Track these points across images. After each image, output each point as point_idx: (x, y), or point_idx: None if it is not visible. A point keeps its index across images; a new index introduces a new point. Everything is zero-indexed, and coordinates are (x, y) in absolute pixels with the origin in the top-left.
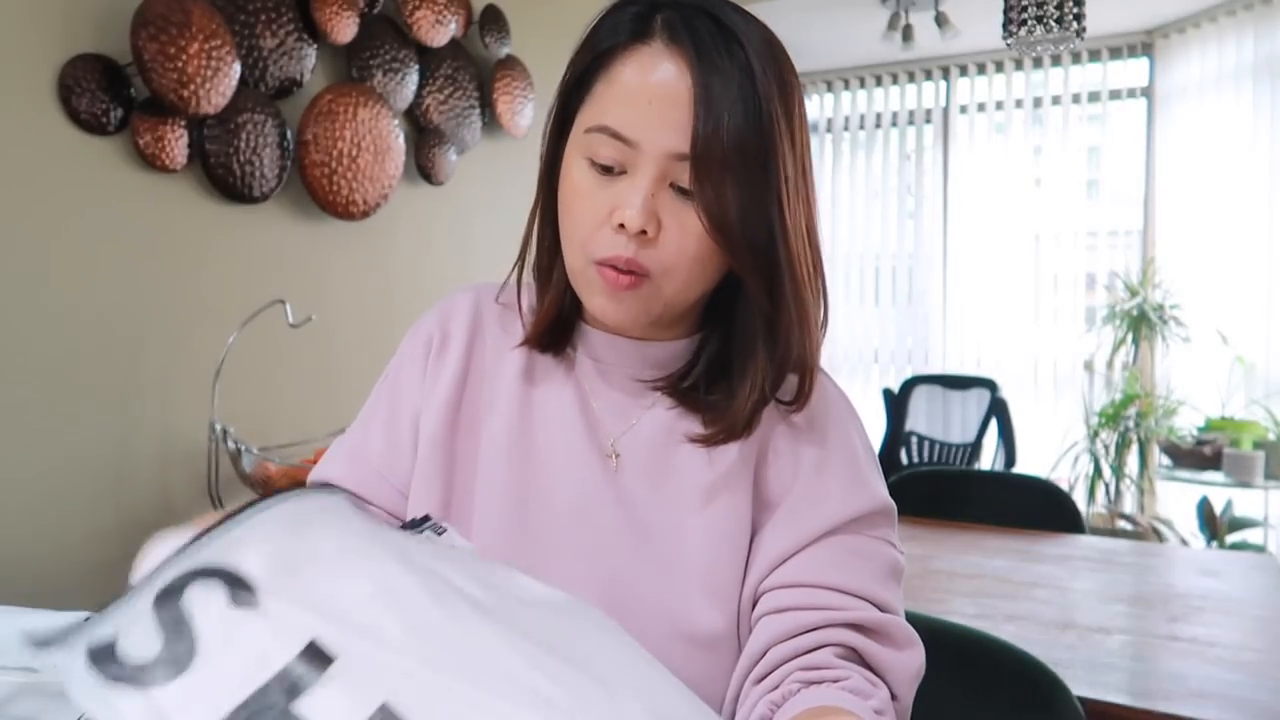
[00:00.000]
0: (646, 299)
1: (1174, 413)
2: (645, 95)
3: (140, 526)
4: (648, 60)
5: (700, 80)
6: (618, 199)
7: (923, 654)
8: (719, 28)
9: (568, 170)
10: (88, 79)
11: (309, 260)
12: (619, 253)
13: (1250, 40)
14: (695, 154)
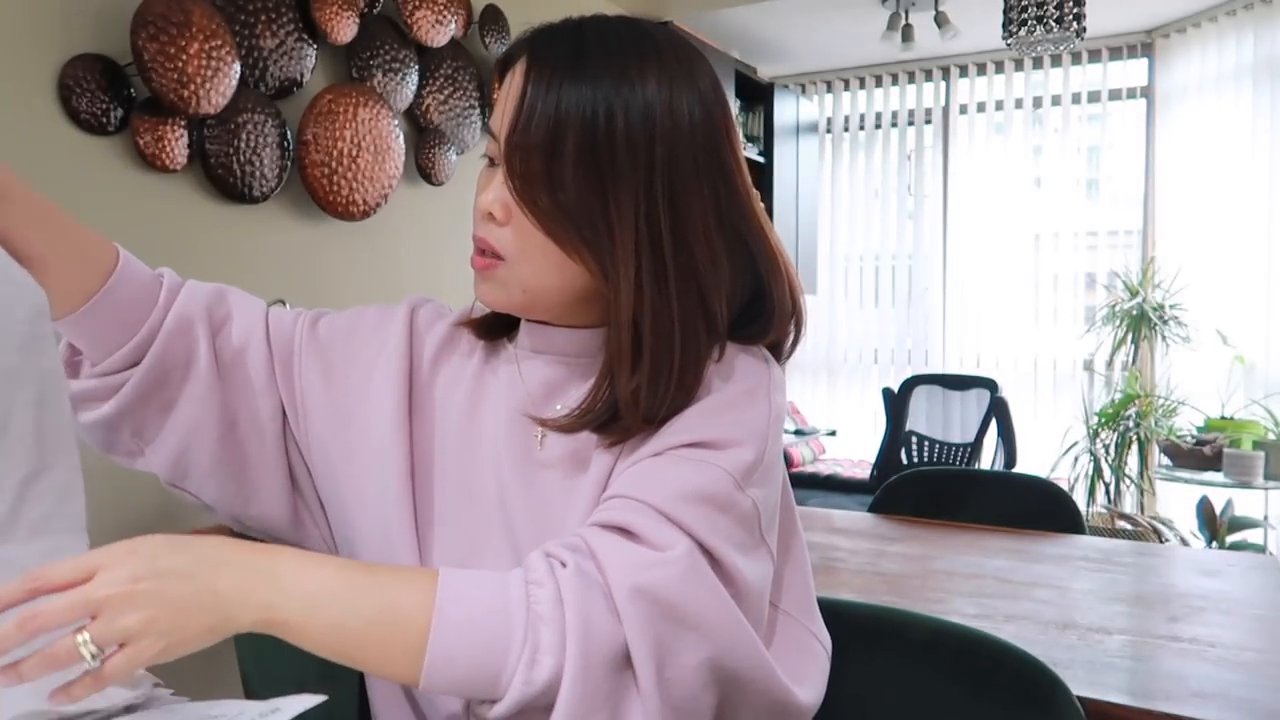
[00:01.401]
0: (504, 281)
1: (1174, 413)
2: (501, 93)
3: (140, 526)
4: (515, 68)
5: (530, 76)
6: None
7: (672, 566)
8: (573, 34)
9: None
10: (88, 79)
11: (309, 260)
12: (476, 232)
13: (1250, 40)
14: (505, 136)
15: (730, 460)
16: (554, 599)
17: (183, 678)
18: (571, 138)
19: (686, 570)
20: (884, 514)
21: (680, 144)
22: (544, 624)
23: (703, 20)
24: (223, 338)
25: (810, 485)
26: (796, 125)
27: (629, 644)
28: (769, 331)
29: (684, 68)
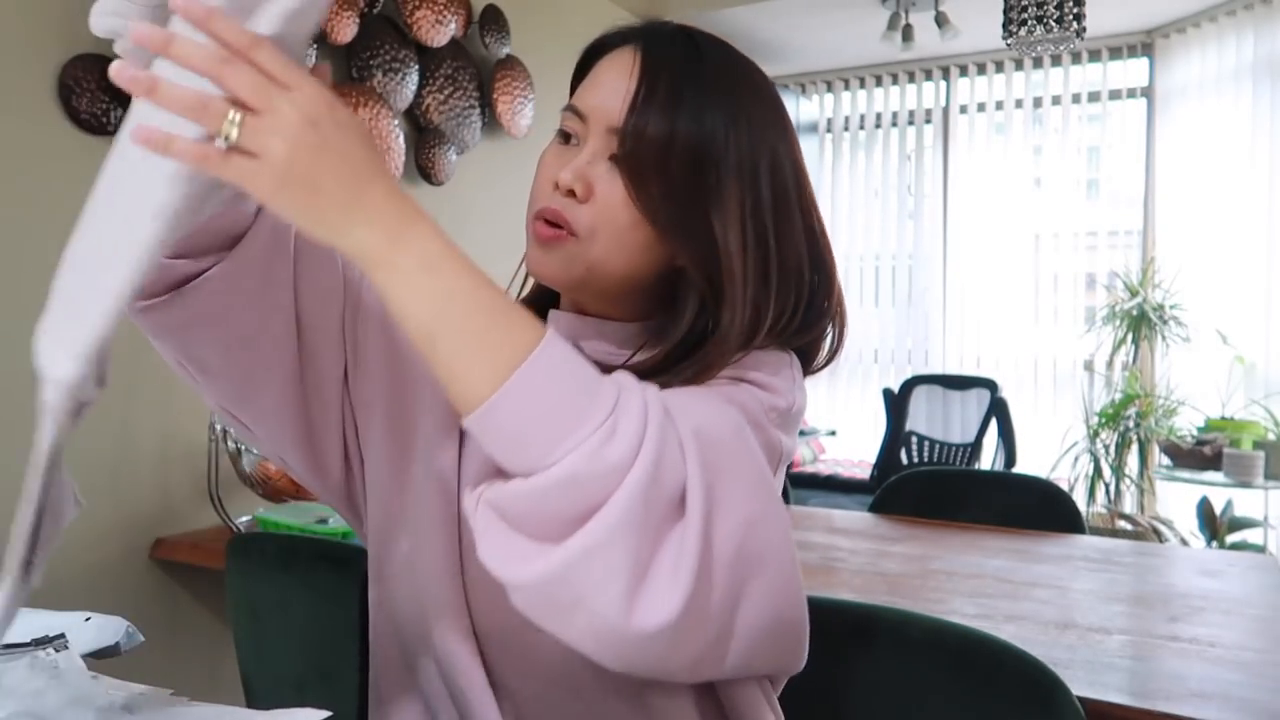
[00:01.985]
0: (569, 256)
1: (1174, 413)
2: (605, 79)
3: (140, 526)
4: (616, 57)
5: (647, 70)
6: (564, 163)
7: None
8: (686, 41)
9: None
10: (88, 79)
11: None
12: (548, 204)
13: (1250, 40)
14: (625, 129)
15: (766, 397)
16: (640, 406)
17: (183, 677)
18: (684, 138)
19: (738, 430)
20: (884, 514)
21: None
22: (627, 416)
23: (703, 20)
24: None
25: (810, 485)
26: (796, 125)
27: (687, 480)
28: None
29: (775, 100)
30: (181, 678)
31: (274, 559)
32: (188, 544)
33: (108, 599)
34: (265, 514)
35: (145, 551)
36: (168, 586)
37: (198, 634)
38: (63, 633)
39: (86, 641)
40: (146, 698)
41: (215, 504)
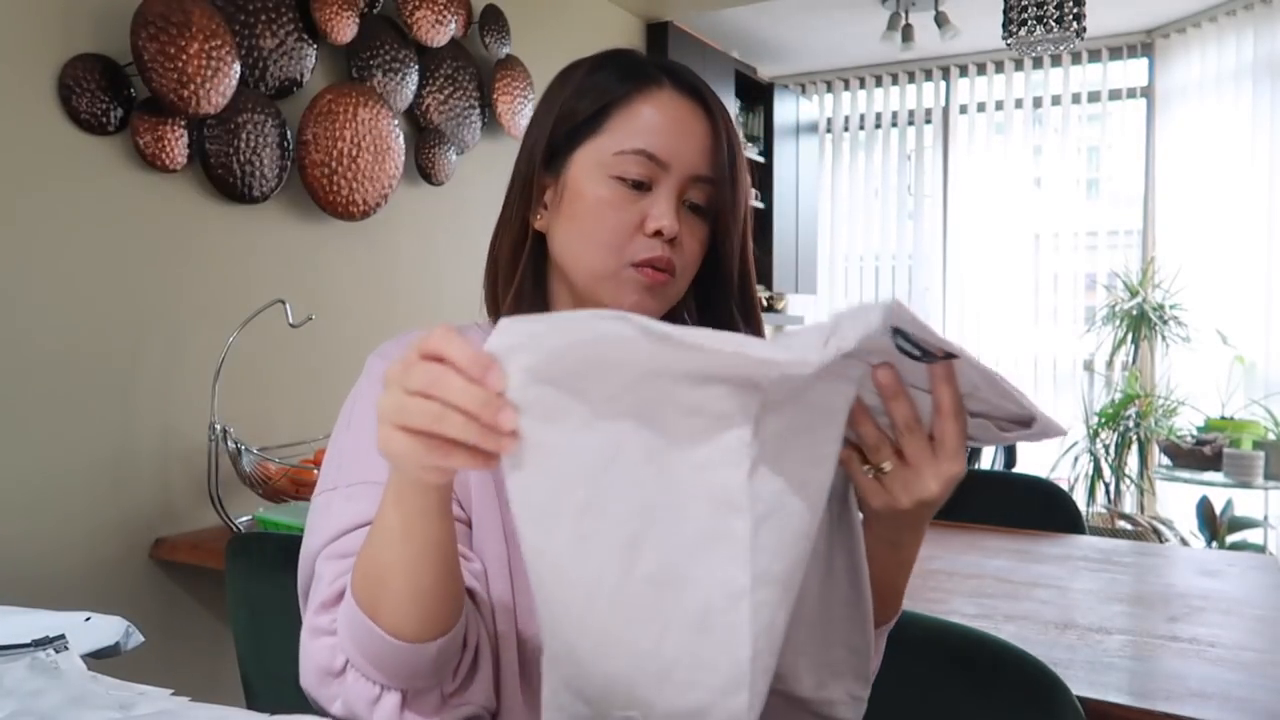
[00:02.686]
0: (668, 294)
1: (1174, 413)
2: (674, 127)
3: (140, 526)
4: (667, 100)
5: (714, 120)
6: (648, 210)
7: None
8: (703, 82)
9: (583, 188)
10: (88, 79)
11: (309, 260)
12: (659, 254)
13: (1250, 40)
14: (718, 177)
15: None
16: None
17: (183, 677)
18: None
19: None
20: None
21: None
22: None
23: (703, 20)
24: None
25: None
26: (796, 125)
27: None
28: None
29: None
30: (181, 678)
31: (274, 559)
32: (188, 544)
33: (108, 599)
34: (265, 514)
35: (145, 551)
36: (168, 586)
37: (198, 634)
38: (63, 633)
39: (86, 641)
40: (148, 697)
41: (215, 504)
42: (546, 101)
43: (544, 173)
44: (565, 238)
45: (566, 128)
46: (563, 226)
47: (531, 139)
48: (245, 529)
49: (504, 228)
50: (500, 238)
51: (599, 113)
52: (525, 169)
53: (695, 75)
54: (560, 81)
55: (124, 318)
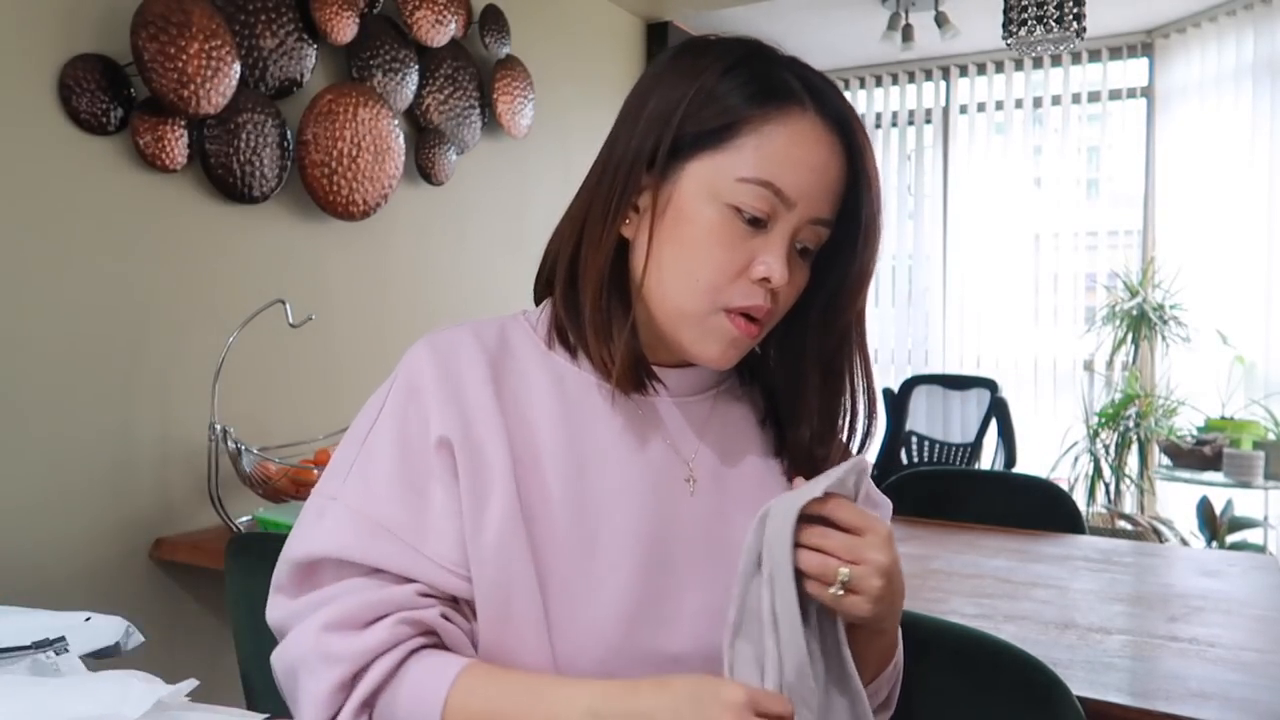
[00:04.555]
0: (751, 344)
1: (1174, 413)
2: (809, 163)
3: (140, 526)
4: (807, 128)
5: (855, 158)
6: (758, 252)
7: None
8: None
9: (692, 211)
10: (88, 79)
11: (309, 260)
12: (759, 303)
13: (1250, 40)
14: (865, 226)
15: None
16: None
17: (183, 677)
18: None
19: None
20: None
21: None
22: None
23: (703, 20)
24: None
25: None
26: None
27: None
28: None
29: None
30: (181, 678)
31: (274, 559)
32: (188, 544)
33: (108, 599)
34: (265, 514)
35: (145, 551)
36: (168, 586)
37: (198, 634)
38: (63, 635)
39: (87, 642)
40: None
41: (215, 504)
42: (664, 91)
43: (645, 173)
44: (658, 261)
45: (686, 132)
46: (658, 246)
47: (639, 131)
48: (245, 529)
49: (587, 225)
50: (579, 233)
51: (727, 127)
52: (624, 163)
53: (843, 99)
54: (683, 72)
55: (124, 318)
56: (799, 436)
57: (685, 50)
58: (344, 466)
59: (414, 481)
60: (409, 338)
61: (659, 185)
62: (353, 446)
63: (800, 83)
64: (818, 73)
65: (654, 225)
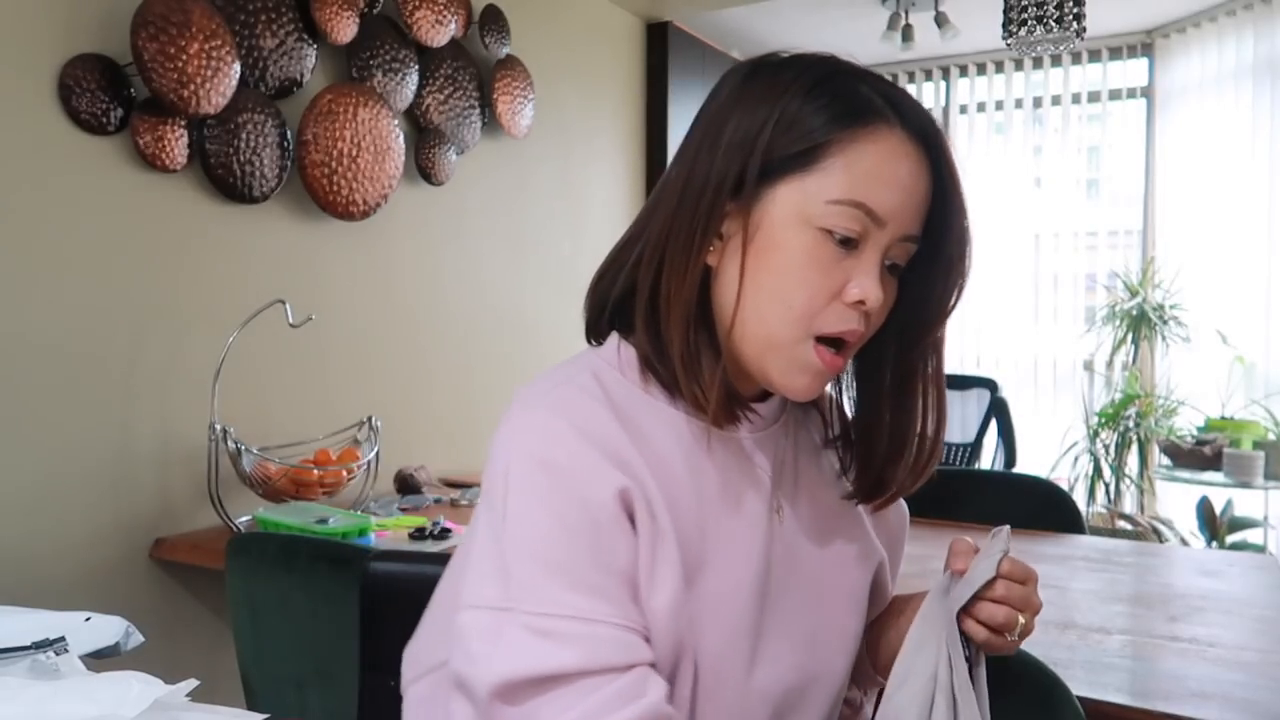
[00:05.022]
0: (834, 375)
1: (1174, 413)
2: (899, 180)
3: (140, 526)
4: (895, 145)
5: (942, 172)
6: (851, 274)
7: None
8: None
9: (783, 238)
10: (88, 79)
11: (309, 260)
12: (854, 327)
13: (1250, 40)
14: (956, 240)
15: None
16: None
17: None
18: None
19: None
20: None
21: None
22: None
23: (703, 20)
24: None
25: None
26: None
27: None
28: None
29: None
30: (181, 678)
31: (274, 559)
32: (188, 544)
33: (108, 599)
34: (265, 514)
35: (145, 551)
36: (168, 586)
37: (198, 634)
38: (63, 635)
39: (87, 641)
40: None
41: (215, 504)
42: (743, 115)
43: (729, 199)
44: (749, 289)
45: (772, 157)
46: (748, 275)
47: (720, 158)
48: (245, 529)
49: (668, 255)
50: (658, 264)
51: (814, 149)
52: (706, 190)
53: (927, 114)
54: (762, 95)
55: (124, 318)
56: (869, 457)
57: (759, 71)
58: (493, 570)
59: (596, 558)
60: (409, 337)
61: (745, 211)
62: (491, 547)
63: (882, 98)
64: (896, 86)
65: (743, 252)
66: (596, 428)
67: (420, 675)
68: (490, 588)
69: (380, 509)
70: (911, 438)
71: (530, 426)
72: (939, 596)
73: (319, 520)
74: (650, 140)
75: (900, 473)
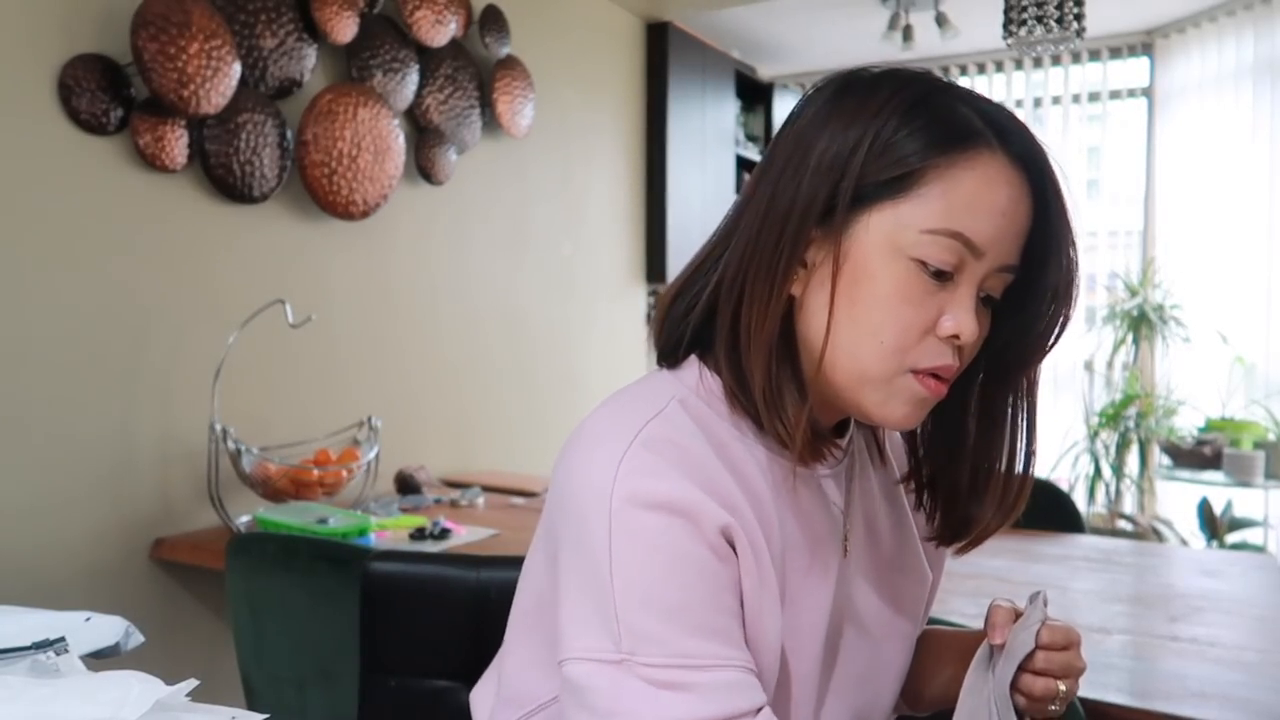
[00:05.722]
0: (935, 402)
1: (1174, 413)
2: (999, 208)
3: (140, 526)
4: (996, 171)
5: (1050, 199)
6: (945, 307)
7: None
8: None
9: (875, 268)
10: (88, 79)
11: (309, 260)
12: (949, 362)
13: (1250, 40)
14: (1064, 272)
15: None
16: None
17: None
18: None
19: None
20: None
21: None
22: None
23: (703, 20)
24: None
25: None
26: None
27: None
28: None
29: None
30: (181, 678)
31: (274, 559)
32: (188, 544)
33: (108, 599)
34: (265, 514)
35: (145, 551)
36: (168, 586)
37: (198, 634)
38: (63, 635)
39: (86, 641)
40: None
41: (215, 504)
42: (833, 137)
43: (814, 226)
44: (837, 321)
45: (865, 182)
46: (837, 307)
47: (806, 182)
48: (245, 529)
49: (749, 283)
50: (739, 291)
51: (909, 175)
52: (791, 216)
53: (1031, 135)
54: (853, 115)
55: (124, 318)
56: (952, 496)
57: (850, 88)
58: (596, 618)
59: (712, 600)
60: (409, 337)
61: (833, 239)
62: (588, 592)
63: (982, 119)
64: (999, 106)
65: (833, 283)
66: (696, 462)
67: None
68: (596, 638)
69: (380, 509)
70: (997, 475)
71: (625, 463)
72: (982, 667)
73: (319, 520)
74: (650, 140)
75: (986, 513)
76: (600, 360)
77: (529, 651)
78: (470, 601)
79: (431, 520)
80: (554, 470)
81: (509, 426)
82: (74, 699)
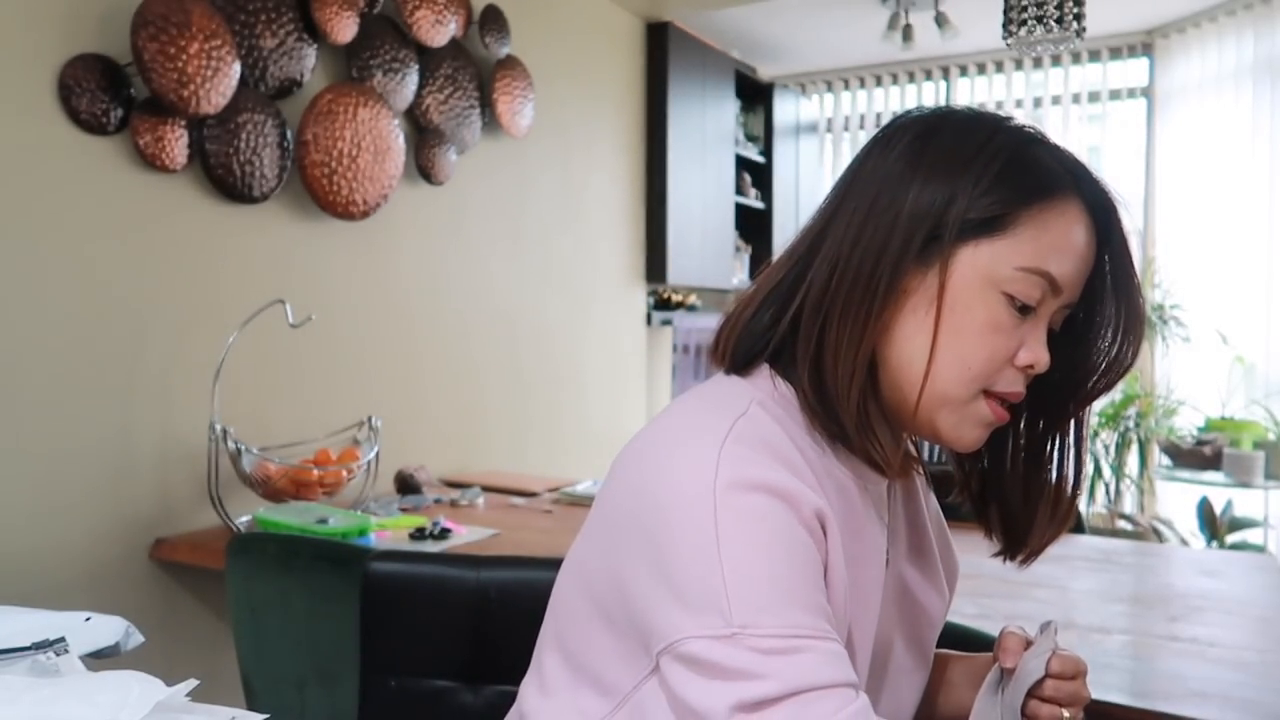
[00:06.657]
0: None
1: (1174, 413)
2: (1078, 250)
3: (140, 527)
4: (1075, 216)
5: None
6: (1025, 339)
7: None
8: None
9: (971, 299)
10: (88, 79)
11: (309, 260)
12: (1019, 389)
13: (1250, 40)
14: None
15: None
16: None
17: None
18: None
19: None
20: None
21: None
22: None
23: (703, 20)
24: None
25: None
26: (796, 125)
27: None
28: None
29: None
30: (181, 678)
31: (274, 559)
32: (188, 544)
33: (108, 599)
34: (265, 514)
35: (145, 551)
36: (168, 586)
37: (198, 634)
38: (63, 635)
39: (86, 642)
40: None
41: (215, 504)
42: (930, 183)
43: (905, 259)
44: (933, 349)
45: (966, 220)
46: (926, 335)
47: (906, 221)
48: (245, 529)
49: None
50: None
51: (1006, 216)
52: (885, 253)
53: (1103, 183)
54: (949, 162)
55: (124, 318)
56: (1008, 514)
57: (939, 134)
58: (705, 599)
59: (815, 579)
60: (409, 337)
61: (926, 271)
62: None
63: (1064, 168)
64: (1075, 155)
65: (937, 314)
66: (785, 454)
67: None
68: (706, 616)
69: (380, 509)
70: (1048, 493)
71: (724, 454)
72: (991, 690)
73: (319, 520)
74: (650, 140)
75: (1038, 528)
76: (600, 360)
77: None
78: (470, 601)
79: (431, 520)
80: (625, 472)
81: (509, 426)
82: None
